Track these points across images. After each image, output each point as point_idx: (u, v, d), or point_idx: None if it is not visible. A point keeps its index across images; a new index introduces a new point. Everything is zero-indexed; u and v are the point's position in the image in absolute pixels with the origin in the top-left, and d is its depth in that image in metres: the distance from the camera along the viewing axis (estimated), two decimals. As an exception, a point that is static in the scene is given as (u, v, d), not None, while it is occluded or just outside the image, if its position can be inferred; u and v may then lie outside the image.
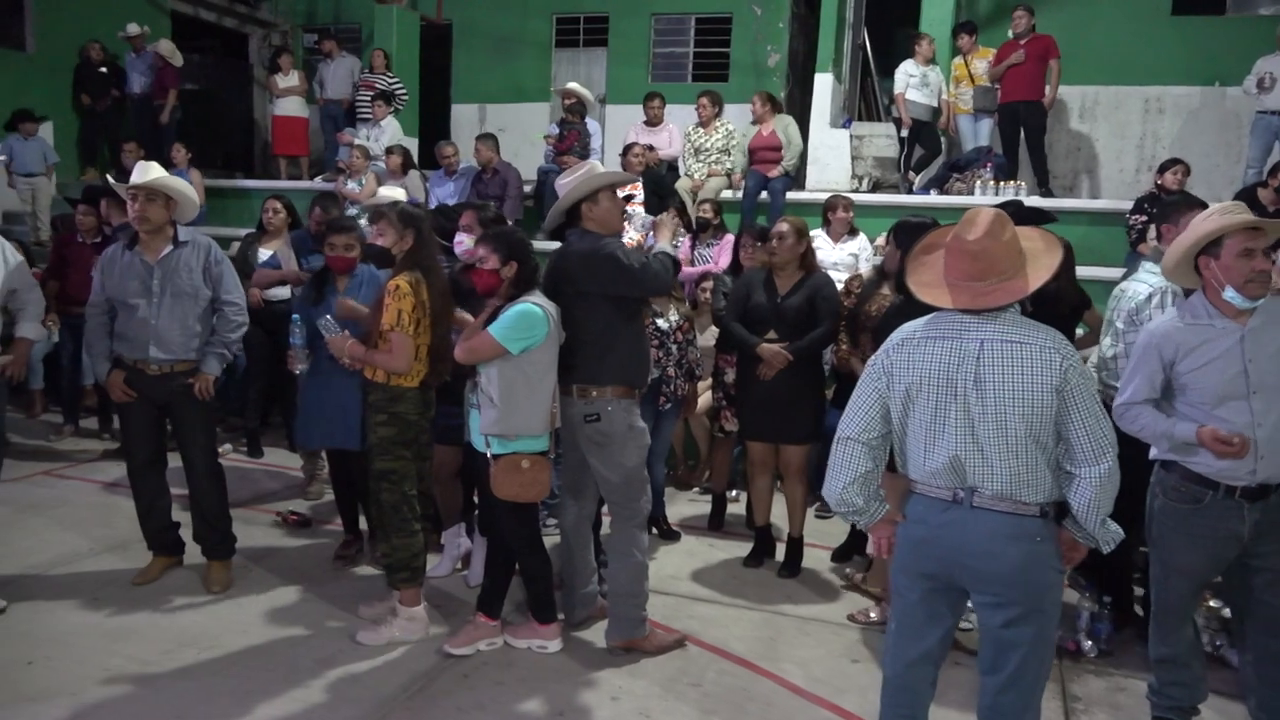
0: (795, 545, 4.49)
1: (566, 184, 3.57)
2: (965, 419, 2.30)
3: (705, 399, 5.45)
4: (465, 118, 12.46)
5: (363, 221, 7.98)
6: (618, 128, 8.94)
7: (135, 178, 3.89)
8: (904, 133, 8.35)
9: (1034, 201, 7.09)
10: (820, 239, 6.35)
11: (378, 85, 9.78)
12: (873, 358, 2.49)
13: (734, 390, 4.89)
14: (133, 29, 10.02)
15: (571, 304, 3.45)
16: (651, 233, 3.85)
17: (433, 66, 11.48)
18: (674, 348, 4.65)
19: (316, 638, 3.65)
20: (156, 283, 3.91)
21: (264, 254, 5.78)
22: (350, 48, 11.41)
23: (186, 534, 4.23)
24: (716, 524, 5.16)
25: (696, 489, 5.82)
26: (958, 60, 8.67)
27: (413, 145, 9.61)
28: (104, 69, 10.18)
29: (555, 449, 3.52)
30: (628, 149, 7.21)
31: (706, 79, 11.42)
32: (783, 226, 4.24)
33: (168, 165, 9.10)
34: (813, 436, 4.39)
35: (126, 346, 3.96)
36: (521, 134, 11.33)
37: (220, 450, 4.78)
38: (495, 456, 3.30)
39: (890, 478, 2.56)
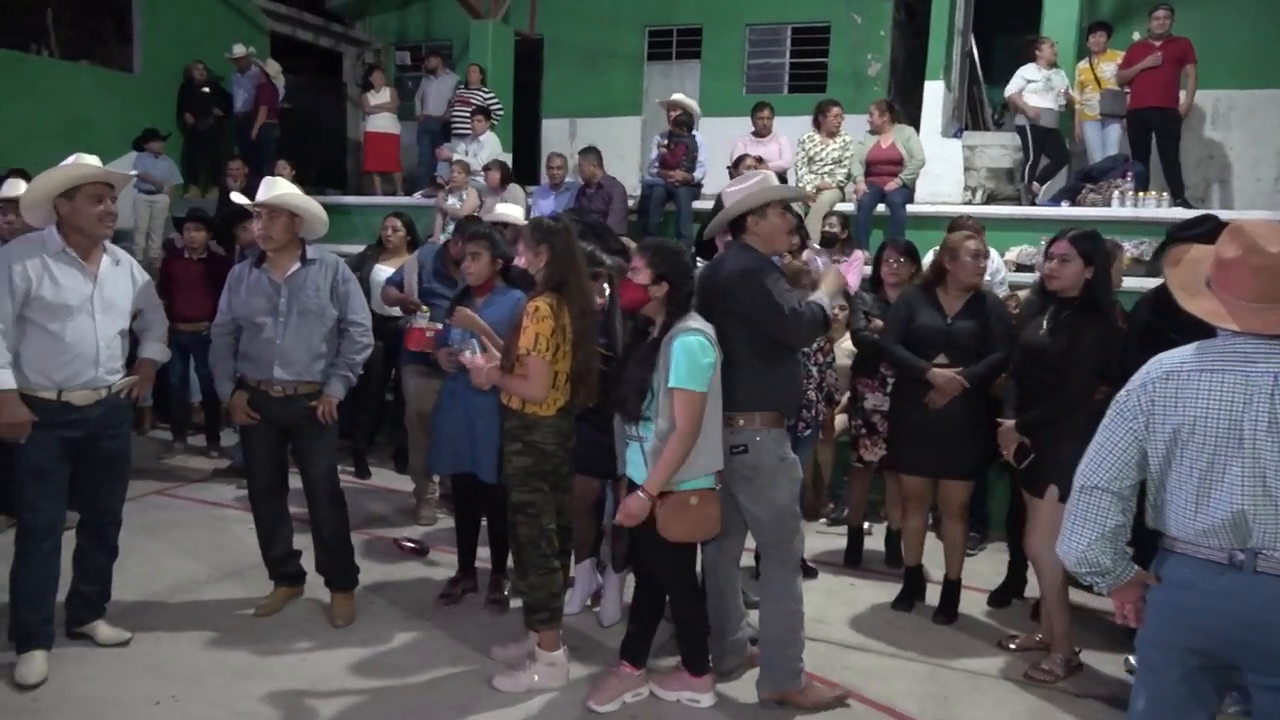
0: (952, 588, 4.11)
1: (735, 192, 3.30)
2: (1253, 468, 1.94)
3: (839, 423, 5.12)
4: (555, 132, 12.35)
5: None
6: (711, 141, 8.69)
7: (261, 194, 3.74)
8: (1020, 120, 7.85)
9: (1171, 215, 6.61)
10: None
11: (473, 100, 9.69)
12: (1123, 393, 2.14)
13: (876, 417, 4.57)
14: (238, 50, 10.12)
15: (722, 322, 3.17)
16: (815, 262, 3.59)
17: (522, 81, 11.39)
18: (814, 369, 4.33)
19: (450, 681, 3.41)
20: (283, 301, 3.75)
21: (386, 270, 5.64)
22: (445, 65, 11.39)
23: (306, 562, 4.06)
24: (853, 560, 4.81)
25: (824, 520, 5.47)
26: (1083, 64, 8.19)
27: (506, 160, 9.49)
28: (206, 89, 10.32)
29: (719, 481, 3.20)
30: (739, 161, 6.92)
31: (803, 90, 11.13)
32: (972, 243, 3.89)
33: (269, 182, 9.23)
34: (978, 471, 4.01)
35: (250, 366, 3.81)
36: (612, 148, 11.15)
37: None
38: (662, 495, 3.02)
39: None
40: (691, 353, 2.98)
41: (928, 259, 4.64)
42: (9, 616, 3.37)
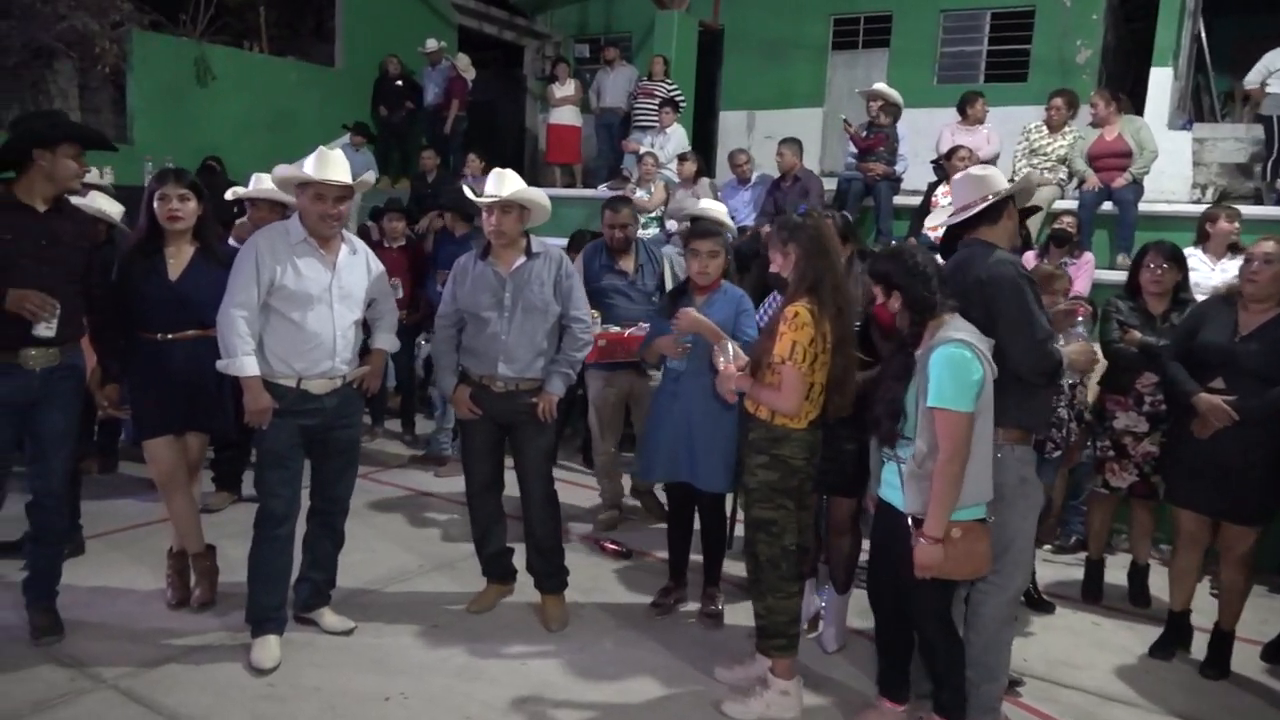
0: (1224, 640, 3.62)
1: (991, 177, 3.05)
2: None
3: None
4: (733, 125, 12.13)
5: (651, 231, 7.83)
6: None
7: (491, 188, 3.67)
8: (1267, 109, 7.03)
9: None
10: (1194, 258, 5.33)
11: (657, 92, 9.58)
12: None
13: (1128, 439, 4.12)
14: (431, 45, 10.41)
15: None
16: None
17: (699, 72, 11.20)
18: (1065, 384, 3.92)
19: (674, 702, 3.24)
20: (508, 296, 3.67)
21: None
22: (622, 57, 11.36)
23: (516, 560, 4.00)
24: (1093, 595, 4.34)
25: (1048, 547, 5.01)
26: (1348, 46, 7.25)
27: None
28: (399, 82, 10.64)
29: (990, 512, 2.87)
30: (952, 152, 6.47)
31: (1001, 79, 10.49)
32: (1268, 246, 3.41)
33: (459, 173, 9.42)
34: (1269, 516, 3.50)
35: (474, 361, 3.75)
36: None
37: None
38: (919, 522, 2.74)
39: None
40: (956, 367, 2.66)
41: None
42: (247, 600, 3.43)
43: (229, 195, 5.39)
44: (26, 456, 3.45)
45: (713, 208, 5.26)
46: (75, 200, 3.54)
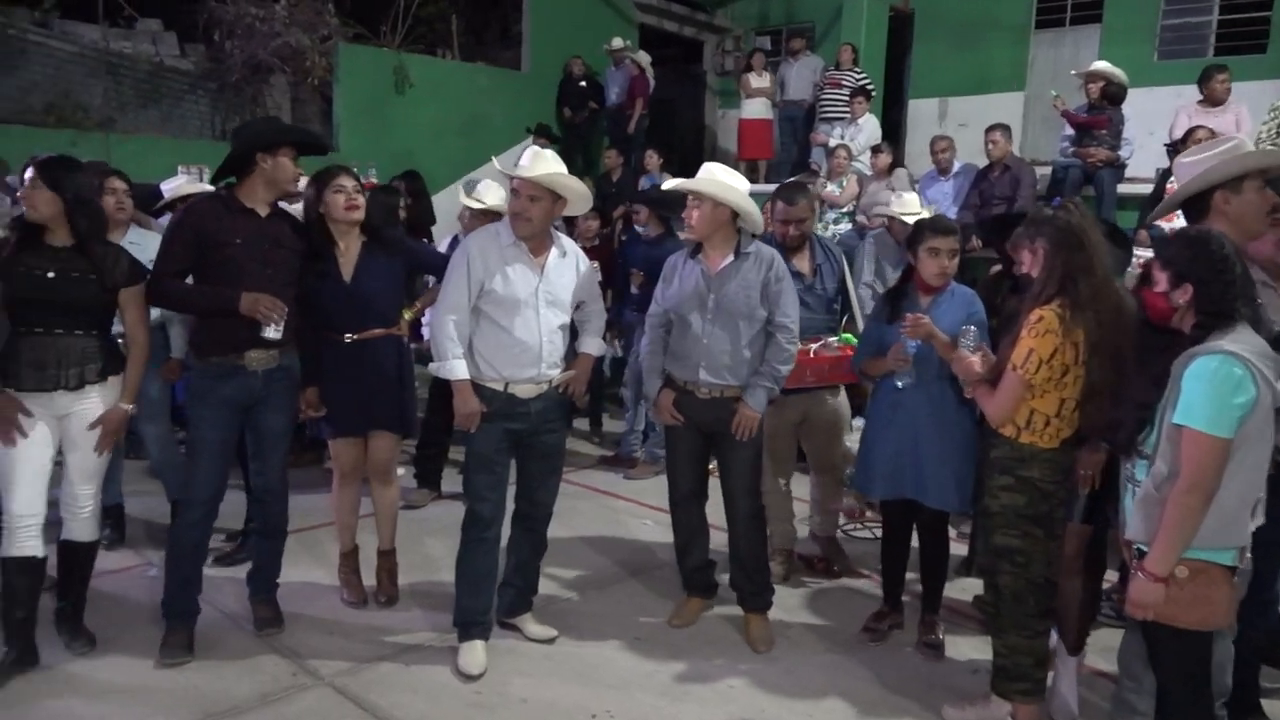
0: None
1: (1200, 161, 2.74)
2: None
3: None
4: (923, 113, 11.51)
5: (843, 227, 7.50)
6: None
7: (701, 175, 3.53)
8: None
9: None
10: None
11: (845, 82, 9.20)
12: None
13: None
14: (617, 42, 10.42)
15: None
16: None
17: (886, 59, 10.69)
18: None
19: (899, 741, 2.98)
20: (712, 297, 3.49)
21: None
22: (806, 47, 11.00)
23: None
24: (1387, 647, 3.73)
25: None
26: None
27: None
28: (583, 83, 10.72)
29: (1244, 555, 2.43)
30: (1189, 135, 5.78)
31: (1233, 51, 9.39)
32: None
33: (640, 171, 9.38)
34: None
35: (678, 366, 3.60)
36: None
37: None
38: (1144, 554, 2.35)
39: None
40: (1218, 383, 2.21)
41: None
42: (455, 602, 3.42)
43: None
44: (248, 454, 3.57)
45: (910, 203, 4.92)
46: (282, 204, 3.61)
